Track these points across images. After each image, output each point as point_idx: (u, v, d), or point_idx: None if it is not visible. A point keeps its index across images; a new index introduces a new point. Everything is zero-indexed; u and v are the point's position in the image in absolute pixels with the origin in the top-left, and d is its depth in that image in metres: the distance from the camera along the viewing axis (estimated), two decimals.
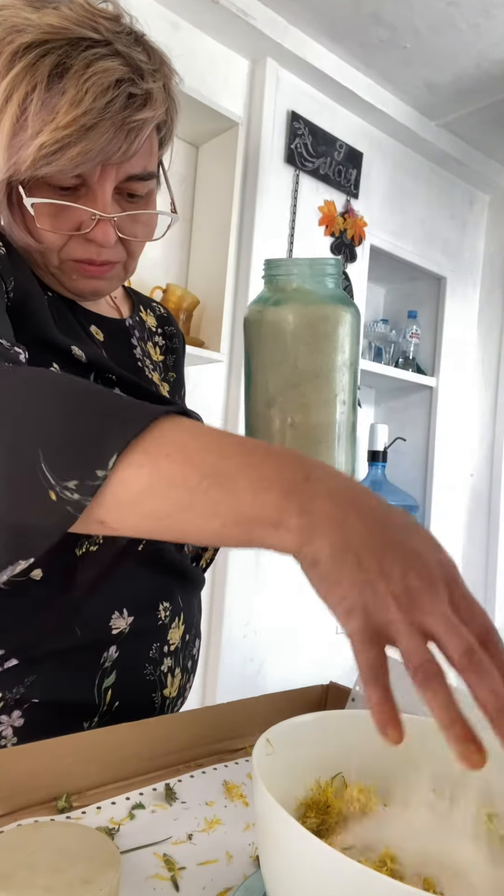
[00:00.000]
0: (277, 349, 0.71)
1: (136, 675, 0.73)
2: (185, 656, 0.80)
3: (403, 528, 0.41)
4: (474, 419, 2.88)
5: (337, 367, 0.71)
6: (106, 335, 0.80)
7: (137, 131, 0.65)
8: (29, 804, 0.55)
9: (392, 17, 1.97)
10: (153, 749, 0.63)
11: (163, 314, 0.96)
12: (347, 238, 2.36)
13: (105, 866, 0.44)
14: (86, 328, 0.78)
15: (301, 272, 0.73)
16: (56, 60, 0.61)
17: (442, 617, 0.38)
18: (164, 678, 0.76)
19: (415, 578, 0.39)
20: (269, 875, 0.39)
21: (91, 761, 0.59)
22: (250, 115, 2.09)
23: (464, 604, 0.40)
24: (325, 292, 0.72)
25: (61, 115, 0.61)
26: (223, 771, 0.65)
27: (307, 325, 0.70)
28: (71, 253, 0.71)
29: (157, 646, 0.75)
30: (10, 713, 0.67)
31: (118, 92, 0.62)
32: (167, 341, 0.94)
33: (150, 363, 0.86)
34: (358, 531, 0.40)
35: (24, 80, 0.61)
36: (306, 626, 2.25)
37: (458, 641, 0.38)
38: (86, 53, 0.61)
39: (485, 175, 2.75)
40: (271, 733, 0.46)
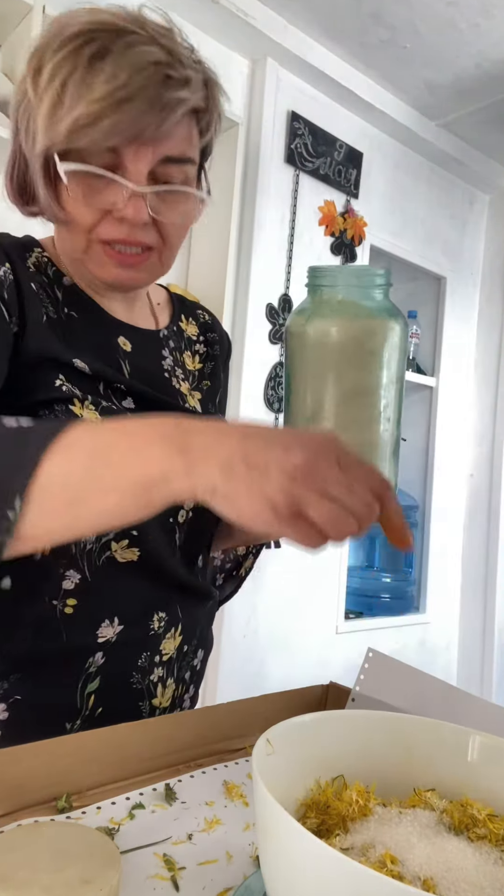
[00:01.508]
0: (320, 364, 0.67)
1: (122, 682, 0.73)
2: (181, 667, 0.79)
3: (274, 429, 0.48)
4: (474, 419, 2.88)
5: (383, 385, 0.67)
6: (134, 346, 0.80)
7: (172, 109, 0.65)
8: (29, 804, 0.55)
9: (392, 17, 1.97)
10: (153, 749, 0.63)
11: (207, 321, 0.96)
12: (347, 238, 2.36)
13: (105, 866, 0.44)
14: (113, 339, 0.78)
15: (348, 283, 0.68)
16: (99, 46, 0.63)
17: (337, 480, 0.44)
18: (153, 688, 0.75)
19: (299, 455, 0.44)
20: (269, 875, 0.39)
21: (91, 761, 0.59)
22: (250, 115, 2.09)
23: (353, 465, 0.46)
24: (372, 305, 0.68)
25: (97, 88, 0.62)
26: (223, 771, 0.65)
27: (353, 341, 0.66)
28: (102, 233, 0.70)
29: (146, 655, 0.75)
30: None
31: (155, 71, 0.64)
32: (208, 348, 0.93)
33: (180, 373, 0.86)
34: (234, 443, 0.45)
35: (67, 63, 0.64)
36: (306, 626, 2.25)
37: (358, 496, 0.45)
38: (128, 38, 0.64)
39: (485, 175, 2.75)
40: (271, 733, 0.46)
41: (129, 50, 0.63)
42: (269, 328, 2.14)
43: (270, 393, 2.15)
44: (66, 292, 0.76)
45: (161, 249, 0.74)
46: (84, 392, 0.70)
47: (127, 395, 0.75)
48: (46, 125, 0.65)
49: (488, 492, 2.79)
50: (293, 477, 0.43)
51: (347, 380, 0.67)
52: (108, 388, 0.73)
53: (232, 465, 0.44)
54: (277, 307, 2.17)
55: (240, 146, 2.03)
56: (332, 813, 0.46)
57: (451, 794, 0.50)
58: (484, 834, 0.45)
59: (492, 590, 2.74)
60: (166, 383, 0.82)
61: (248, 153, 2.07)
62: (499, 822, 0.46)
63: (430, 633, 2.72)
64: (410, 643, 2.65)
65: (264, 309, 2.13)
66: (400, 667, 0.73)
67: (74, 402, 0.69)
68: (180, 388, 0.84)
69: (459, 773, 0.50)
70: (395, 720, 0.52)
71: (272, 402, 2.16)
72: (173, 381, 0.83)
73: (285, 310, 2.19)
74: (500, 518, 2.73)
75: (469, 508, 2.85)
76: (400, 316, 0.69)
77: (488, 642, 2.74)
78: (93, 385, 0.72)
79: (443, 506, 2.78)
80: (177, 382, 0.84)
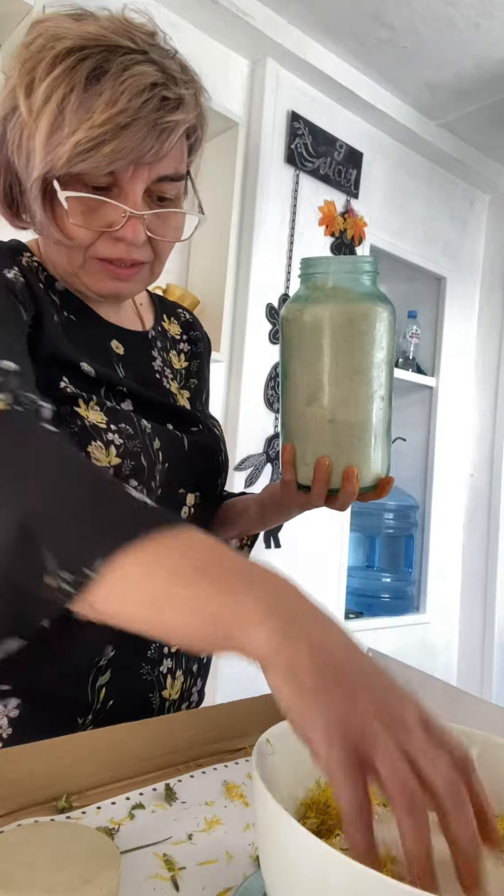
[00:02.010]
0: (317, 347, 0.71)
1: (132, 674, 0.73)
2: (188, 659, 0.80)
3: (376, 668, 0.41)
4: (474, 419, 2.88)
5: (376, 364, 0.72)
6: (126, 349, 0.82)
7: (169, 132, 0.67)
8: (29, 804, 0.55)
9: (392, 17, 1.97)
10: (153, 749, 0.63)
11: (188, 319, 0.97)
12: (347, 238, 2.36)
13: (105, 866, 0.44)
14: (107, 343, 0.80)
15: (338, 270, 0.73)
16: (94, 64, 0.64)
17: (422, 745, 0.36)
18: (162, 679, 0.76)
19: (395, 705, 0.38)
20: (269, 875, 0.39)
21: (91, 761, 0.59)
22: (250, 115, 2.09)
23: (439, 732, 0.38)
24: (362, 290, 0.72)
25: (97, 113, 0.63)
26: (223, 771, 0.65)
27: (346, 324, 0.71)
28: (98, 251, 0.71)
29: (155, 646, 0.75)
30: (6, 703, 0.68)
31: (152, 94, 0.65)
32: (192, 346, 0.95)
33: (169, 373, 0.87)
34: (339, 655, 0.39)
35: (63, 82, 0.63)
36: None
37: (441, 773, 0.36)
38: (122, 58, 0.64)
39: (485, 175, 2.75)
40: (271, 733, 0.46)
41: (126, 72, 0.64)
42: (269, 328, 2.14)
43: (270, 393, 2.15)
44: (61, 296, 0.77)
45: (153, 262, 0.76)
46: (88, 394, 0.71)
47: (126, 397, 0.76)
48: (44, 148, 0.65)
49: (488, 492, 2.79)
50: (379, 715, 0.36)
51: (342, 360, 0.71)
52: (110, 391, 0.75)
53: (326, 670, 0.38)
54: (277, 307, 2.17)
55: (240, 146, 2.03)
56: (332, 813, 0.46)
57: None
58: None
59: (492, 590, 2.74)
60: (158, 383, 0.84)
61: (248, 153, 2.07)
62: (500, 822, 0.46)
63: (430, 633, 2.72)
64: (410, 643, 2.65)
65: (264, 309, 2.13)
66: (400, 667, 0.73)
67: (79, 402, 0.70)
68: (170, 388, 0.86)
69: None
70: None
71: (272, 402, 2.16)
72: (164, 381, 0.85)
73: None
74: (500, 518, 2.73)
75: (469, 508, 2.85)
76: (388, 301, 0.74)
77: (488, 642, 2.74)
78: (95, 387, 0.73)
79: (443, 506, 2.78)
80: (167, 382, 0.86)
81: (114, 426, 0.71)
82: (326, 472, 0.72)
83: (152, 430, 0.76)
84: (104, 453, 0.69)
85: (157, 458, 0.74)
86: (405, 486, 2.77)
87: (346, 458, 0.72)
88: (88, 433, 0.69)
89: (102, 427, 0.70)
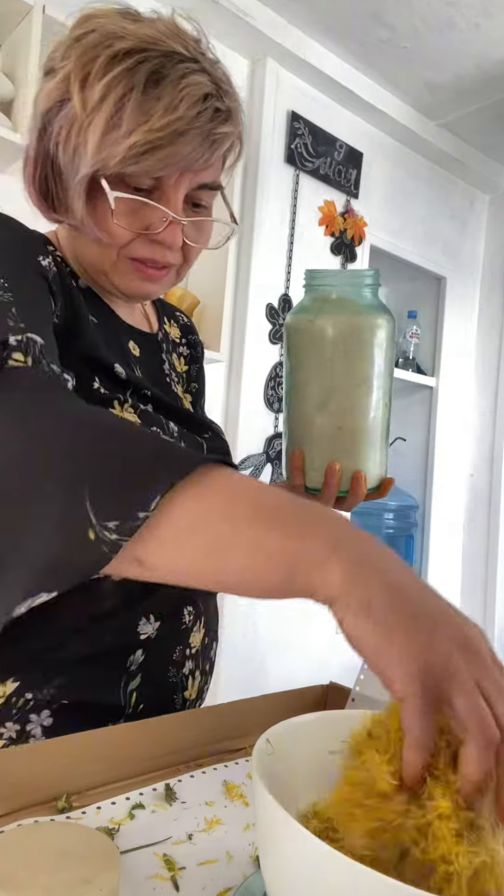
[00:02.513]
0: (325, 357, 0.74)
1: (160, 677, 0.74)
2: (203, 659, 0.80)
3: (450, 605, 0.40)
4: (474, 419, 2.88)
5: (380, 373, 0.74)
6: (141, 351, 0.82)
7: (220, 144, 0.69)
8: (29, 804, 0.55)
9: (392, 17, 1.97)
10: (153, 749, 0.63)
11: (186, 323, 0.98)
12: (347, 238, 2.36)
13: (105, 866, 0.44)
14: (125, 344, 0.80)
15: (343, 283, 0.76)
16: (153, 68, 0.65)
17: (495, 680, 0.37)
18: (185, 680, 0.76)
19: (473, 641, 0.38)
20: (269, 875, 0.39)
21: (91, 761, 0.59)
22: (250, 115, 2.09)
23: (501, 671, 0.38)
24: (366, 302, 0.75)
25: (156, 118, 0.64)
26: (223, 771, 0.65)
27: (353, 335, 0.73)
28: (134, 251, 0.72)
29: (180, 649, 0.75)
30: (40, 713, 0.68)
31: (207, 105, 0.66)
32: (191, 350, 0.95)
33: (175, 376, 0.88)
34: (414, 591, 0.39)
35: (121, 82, 0.64)
36: (306, 626, 2.25)
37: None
38: (180, 66, 0.66)
39: (485, 175, 2.75)
40: (271, 733, 0.46)
41: (183, 79, 0.65)
42: (269, 328, 2.14)
43: (270, 393, 2.15)
44: (84, 294, 0.77)
45: (180, 267, 0.76)
46: (122, 396, 0.71)
47: (149, 400, 0.76)
48: (98, 145, 0.65)
49: (488, 492, 2.79)
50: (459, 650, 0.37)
51: (350, 370, 0.74)
52: (135, 395, 0.75)
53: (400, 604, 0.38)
54: (277, 307, 2.17)
55: None
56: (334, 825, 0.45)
57: None
58: None
59: (492, 590, 2.74)
60: (168, 387, 0.84)
61: (248, 153, 2.07)
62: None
63: None
64: None
65: (264, 309, 2.13)
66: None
67: (115, 404, 0.70)
68: (177, 392, 0.87)
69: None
70: None
71: (272, 402, 2.16)
72: (172, 384, 0.86)
73: (285, 310, 2.19)
74: (500, 518, 2.73)
75: (469, 508, 2.85)
76: (389, 312, 0.76)
77: None
78: (123, 390, 0.73)
79: (443, 506, 2.78)
80: (174, 386, 0.86)
81: (147, 429, 0.71)
82: (338, 477, 0.74)
83: (178, 434, 0.77)
84: None
85: None
86: (405, 486, 2.77)
87: (354, 462, 0.75)
88: None
89: None
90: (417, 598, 0.39)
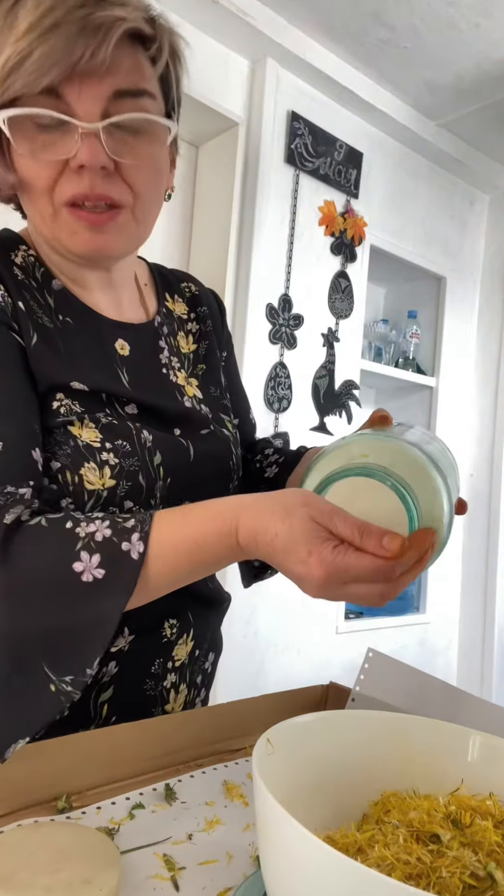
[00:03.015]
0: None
1: (135, 690, 0.73)
2: (192, 671, 0.79)
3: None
4: (474, 419, 2.88)
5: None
6: (132, 347, 0.76)
7: (107, 30, 0.58)
8: (29, 804, 0.55)
9: (392, 17, 1.97)
10: (153, 749, 0.63)
11: (194, 293, 0.89)
12: (347, 238, 2.36)
13: (105, 866, 0.44)
14: (109, 345, 0.74)
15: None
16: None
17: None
18: (165, 694, 0.75)
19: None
20: (269, 875, 0.39)
21: (91, 761, 0.59)
22: (250, 115, 2.09)
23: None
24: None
25: (21, 21, 0.57)
26: (223, 771, 0.65)
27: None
28: (63, 193, 0.64)
29: (159, 662, 0.74)
30: None
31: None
32: (201, 325, 0.87)
33: (177, 362, 0.82)
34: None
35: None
36: (306, 626, 2.25)
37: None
38: None
39: (485, 175, 2.75)
40: (271, 733, 0.46)
41: None
42: (269, 328, 2.14)
43: (270, 393, 2.15)
44: (56, 297, 0.72)
45: (132, 205, 0.67)
46: (83, 409, 0.68)
47: (130, 402, 0.73)
48: None
49: (488, 492, 2.79)
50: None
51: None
52: (112, 400, 0.71)
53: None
54: (277, 307, 2.17)
55: (240, 146, 2.03)
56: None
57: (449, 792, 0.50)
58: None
59: (492, 590, 2.74)
60: (164, 380, 0.79)
61: (248, 153, 2.07)
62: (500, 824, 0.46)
63: (430, 633, 2.72)
64: (410, 643, 2.65)
65: (264, 309, 2.13)
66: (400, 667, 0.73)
67: (74, 422, 0.67)
68: (177, 381, 0.81)
69: (459, 773, 0.50)
70: (395, 720, 0.52)
71: (272, 402, 2.16)
72: (171, 375, 0.80)
73: (285, 310, 2.19)
74: (500, 518, 2.73)
75: (469, 508, 2.85)
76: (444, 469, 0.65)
77: (488, 642, 2.74)
78: (92, 400, 0.69)
79: None
80: (173, 375, 0.81)
81: (109, 444, 0.68)
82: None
83: (154, 442, 0.71)
84: (97, 475, 0.66)
85: (157, 474, 0.71)
86: None
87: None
88: (81, 454, 0.66)
89: (96, 446, 0.67)
90: None
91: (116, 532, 0.56)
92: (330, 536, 0.51)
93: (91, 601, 0.55)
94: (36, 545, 0.56)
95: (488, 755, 0.50)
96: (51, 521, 0.58)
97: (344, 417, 2.39)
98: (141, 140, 0.65)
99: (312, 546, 0.50)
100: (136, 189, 0.66)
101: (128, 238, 0.69)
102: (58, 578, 0.55)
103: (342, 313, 2.36)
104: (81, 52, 0.58)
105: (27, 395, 0.65)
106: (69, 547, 0.56)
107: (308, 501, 0.52)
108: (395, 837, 0.40)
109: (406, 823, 0.42)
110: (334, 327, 2.34)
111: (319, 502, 0.52)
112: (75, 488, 0.66)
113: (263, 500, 0.55)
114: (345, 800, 0.50)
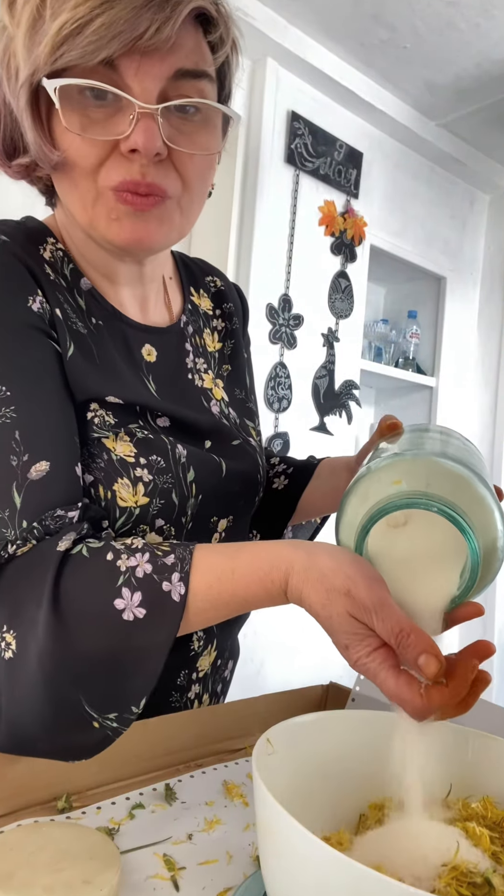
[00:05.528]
0: None
1: (162, 703, 0.72)
2: (214, 680, 0.78)
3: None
4: (474, 419, 2.87)
5: None
6: (158, 353, 0.73)
7: (175, 5, 0.54)
8: (29, 804, 0.55)
9: (392, 17, 1.97)
10: (153, 749, 0.63)
11: (220, 288, 0.85)
12: (347, 238, 2.36)
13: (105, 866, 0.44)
14: (137, 351, 0.71)
15: None
16: None
17: None
18: (189, 704, 0.75)
19: None
20: (269, 875, 0.39)
21: (91, 761, 0.59)
22: (250, 115, 2.09)
23: None
24: None
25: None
26: (223, 771, 0.65)
27: None
28: (109, 177, 0.58)
29: (185, 673, 0.73)
30: None
31: None
32: (227, 323, 0.84)
33: (203, 363, 0.78)
34: None
35: None
36: (306, 626, 2.25)
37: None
38: None
39: (485, 175, 2.75)
40: (271, 733, 0.46)
41: None
42: (269, 328, 2.14)
43: (270, 393, 2.15)
44: (87, 298, 0.68)
45: (180, 197, 0.62)
46: (117, 421, 0.66)
47: (162, 415, 0.70)
48: (27, 47, 0.54)
49: None
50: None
51: None
52: (144, 410, 0.68)
53: None
54: (277, 307, 2.17)
55: (240, 146, 2.03)
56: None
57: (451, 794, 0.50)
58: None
59: (492, 590, 2.74)
60: (191, 387, 0.76)
61: (248, 153, 2.07)
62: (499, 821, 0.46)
63: None
64: None
65: (264, 309, 2.13)
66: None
67: (109, 435, 0.65)
68: (203, 385, 0.77)
69: (459, 773, 0.50)
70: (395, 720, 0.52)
71: (272, 402, 2.16)
72: (196, 379, 0.77)
73: (285, 310, 2.19)
74: None
75: None
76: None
77: None
78: (126, 412, 0.67)
79: None
80: (199, 379, 0.77)
81: (143, 459, 0.65)
82: None
83: (188, 458, 0.69)
84: (130, 492, 0.64)
85: (189, 492, 0.68)
86: None
87: None
88: (115, 469, 0.64)
89: (130, 461, 0.64)
90: None
91: (157, 569, 0.54)
92: (370, 633, 0.48)
93: (131, 639, 0.53)
94: (79, 579, 0.54)
95: (488, 755, 0.50)
96: (92, 551, 0.56)
97: (344, 417, 2.39)
98: (197, 127, 0.61)
99: (350, 642, 0.48)
100: (187, 179, 0.62)
101: (170, 229, 0.64)
102: (99, 615, 0.53)
103: (342, 313, 2.36)
104: (146, 27, 0.53)
105: (68, 408, 0.63)
106: (111, 582, 0.53)
107: (350, 590, 0.48)
108: None
109: None
110: (334, 327, 2.34)
111: (361, 591, 0.48)
112: (108, 503, 0.63)
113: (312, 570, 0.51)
114: (344, 799, 0.50)
